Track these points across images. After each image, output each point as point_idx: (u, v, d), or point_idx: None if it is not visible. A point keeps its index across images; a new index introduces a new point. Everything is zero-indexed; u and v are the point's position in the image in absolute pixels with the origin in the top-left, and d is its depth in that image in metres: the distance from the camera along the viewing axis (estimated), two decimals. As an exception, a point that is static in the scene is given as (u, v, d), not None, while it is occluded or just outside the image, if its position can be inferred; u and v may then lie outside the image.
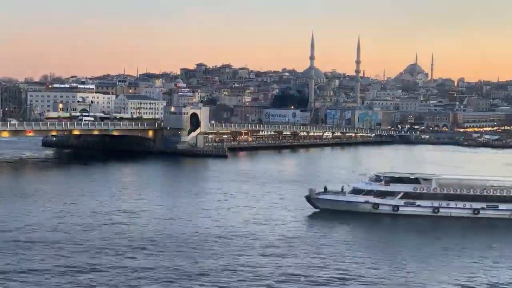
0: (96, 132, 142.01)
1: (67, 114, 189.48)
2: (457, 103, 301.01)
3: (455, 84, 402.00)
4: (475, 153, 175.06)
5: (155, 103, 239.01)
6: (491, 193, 67.31)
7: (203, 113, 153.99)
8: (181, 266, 46.09)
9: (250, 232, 57.90)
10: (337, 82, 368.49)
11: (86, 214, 64.13)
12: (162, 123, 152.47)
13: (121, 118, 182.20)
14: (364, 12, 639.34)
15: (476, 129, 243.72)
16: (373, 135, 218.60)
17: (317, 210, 69.32)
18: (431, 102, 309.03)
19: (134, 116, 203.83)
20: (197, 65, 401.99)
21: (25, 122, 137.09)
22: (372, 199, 67.98)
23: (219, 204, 73.57)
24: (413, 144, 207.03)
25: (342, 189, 71.21)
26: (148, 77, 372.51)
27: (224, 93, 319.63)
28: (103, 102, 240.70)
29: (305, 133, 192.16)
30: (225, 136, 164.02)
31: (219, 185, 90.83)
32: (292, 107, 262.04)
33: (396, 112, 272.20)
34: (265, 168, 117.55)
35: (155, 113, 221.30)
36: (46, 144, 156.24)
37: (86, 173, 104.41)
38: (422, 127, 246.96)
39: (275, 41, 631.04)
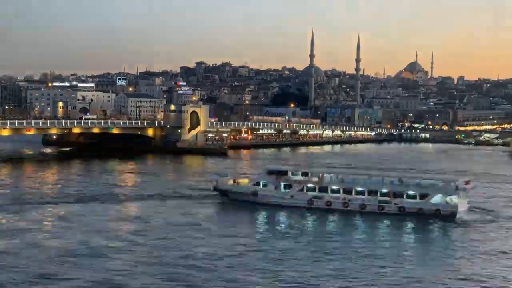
0: (96, 131, 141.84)
1: None
2: (457, 101, 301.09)
3: (455, 82, 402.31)
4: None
5: (155, 102, 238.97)
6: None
7: (203, 112, 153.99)
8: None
9: None
10: (337, 80, 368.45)
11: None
12: (162, 121, 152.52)
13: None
14: (364, 10, 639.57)
15: (476, 128, 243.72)
16: (373, 133, 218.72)
17: None
18: (431, 100, 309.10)
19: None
20: (197, 63, 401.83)
21: (25, 121, 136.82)
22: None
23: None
24: (413, 142, 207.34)
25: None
26: (148, 76, 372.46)
27: (224, 91, 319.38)
28: (103, 101, 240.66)
29: (305, 131, 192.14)
30: (225, 135, 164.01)
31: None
32: (292, 105, 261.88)
33: (396, 111, 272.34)
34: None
35: (154, 111, 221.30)
36: (46, 142, 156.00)
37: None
38: (422, 125, 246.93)
39: (275, 39, 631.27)
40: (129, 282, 40.82)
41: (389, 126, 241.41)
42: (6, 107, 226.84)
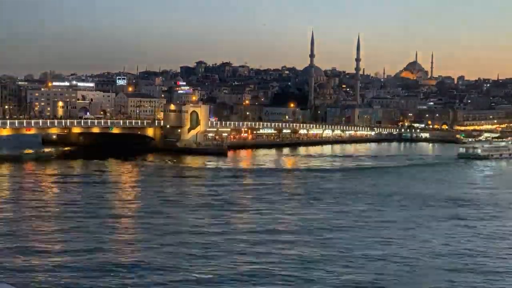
0: (96, 130, 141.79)
1: None
2: (457, 101, 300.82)
3: (455, 82, 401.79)
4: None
5: (155, 101, 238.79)
6: None
7: (203, 111, 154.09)
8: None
9: None
10: (337, 80, 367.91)
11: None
12: (162, 121, 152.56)
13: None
14: (364, 9, 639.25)
15: (476, 127, 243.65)
16: (373, 133, 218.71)
17: None
18: (431, 100, 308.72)
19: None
20: (197, 63, 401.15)
21: (25, 120, 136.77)
22: None
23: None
24: (413, 142, 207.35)
25: None
26: (148, 75, 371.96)
27: (224, 91, 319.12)
28: (103, 101, 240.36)
29: (305, 131, 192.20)
30: (225, 134, 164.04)
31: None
32: (292, 105, 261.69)
33: (396, 110, 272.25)
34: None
35: (154, 111, 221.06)
36: (46, 142, 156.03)
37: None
38: (422, 125, 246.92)
39: (275, 39, 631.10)
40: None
41: (389, 126, 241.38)
42: (6, 106, 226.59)
